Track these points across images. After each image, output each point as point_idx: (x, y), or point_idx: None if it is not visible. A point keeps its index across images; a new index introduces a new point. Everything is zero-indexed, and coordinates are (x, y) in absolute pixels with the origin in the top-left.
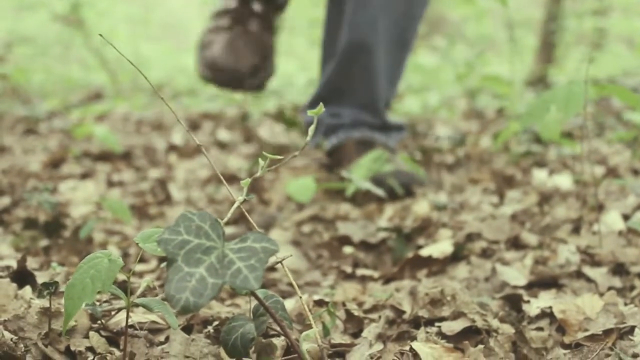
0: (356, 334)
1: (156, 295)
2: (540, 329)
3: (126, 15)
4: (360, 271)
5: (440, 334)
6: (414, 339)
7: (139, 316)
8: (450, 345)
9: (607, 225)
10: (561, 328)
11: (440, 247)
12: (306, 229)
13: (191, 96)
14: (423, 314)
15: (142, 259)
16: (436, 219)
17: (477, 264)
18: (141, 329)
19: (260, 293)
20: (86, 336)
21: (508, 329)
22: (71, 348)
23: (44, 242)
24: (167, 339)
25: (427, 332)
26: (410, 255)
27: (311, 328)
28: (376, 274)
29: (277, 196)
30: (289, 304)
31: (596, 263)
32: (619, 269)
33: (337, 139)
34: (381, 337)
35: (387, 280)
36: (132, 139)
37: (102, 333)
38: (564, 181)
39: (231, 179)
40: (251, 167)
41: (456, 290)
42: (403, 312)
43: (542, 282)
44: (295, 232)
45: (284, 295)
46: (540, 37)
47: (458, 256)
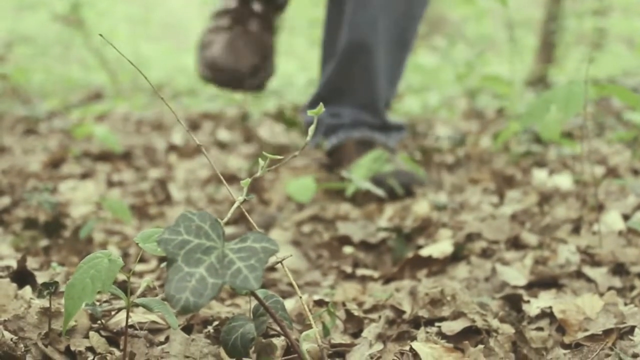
0: (356, 334)
1: (156, 295)
2: (540, 329)
3: (126, 15)
4: (360, 271)
5: (440, 334)
6: (414, 339)
7: (139, 316)
8: (450, 345)
9: (607, 225)
10: (561, 328)
11: (440, 247)
12: (306, 229)
13: (191, 96)
14: (423, 314)
15: (142, 259)
16: (436, 219)
17: (477, 264)
18: (141, 329)
19: (260, 293)
20: (86, 336)
21: (508, 329)
22: (71, 348)
23: (44, 242)
24: (167, 339)
25: (427, 332)
26: (410, 255)
27: (311, 328)
28: (376, 274)
29: (277, 196)
30: (289, 304)
31: (596, 263)
32: (619, 269)
33: (337, 139)
34: (381, 337)
35: (387, 280)
36: (132, 139)
37: (102, 333)
38: (564, 181)
39: (231, 179)
40: (251, 167)
41: (456, 290)
42: (403, 312)
43: (542, 282)
44: (295, 232)
45: (284, 295)
46: (540, 37)
47: (458, 256)
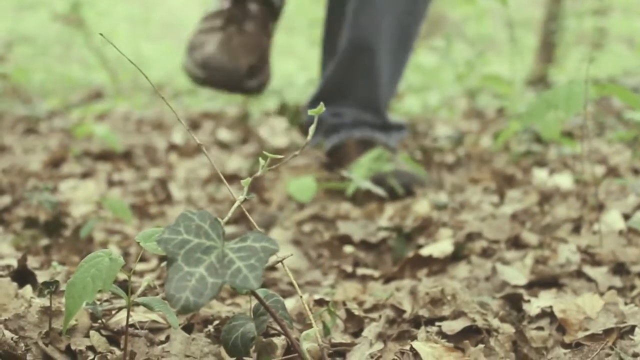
0: (356, 334)
1: (157, 295)
2: (540, 328)
3: (126, 14)
4: (361, 270)
5: (441, 334)
6: (414, 338)
7: (139, 315)
8: (451, 345)
9: (608, 224)
10: (561, 327)
11: (440, 246)
12: (306, 228)
13: (191, 96)
14: (423, 313)
15: (142, 258)
16: (436, 218)
17: (478, 263)
18: (142, 328)
19: (260, 292)
20: (87, 335)
21: (508, 329)
22: (72, 347)
23: (44, 241)
24: (167, 338)
25: (427, 332)
26: (410, 254)
27: (311, 327)
28: (376, 274)
29: (278, 195)
30: (289, 304)
31: (596, 262)
32: (619, 269)
33: (338, 138)
34: (381, 337)
35: (387, 279)
36: (133, 138)
37: (103, 332)
38: (564, 181)
39: (232, 178)
40: (252, 166)
41: (456, 289)
42: (403, 311)
43: (543, 282)
44: (295, 231)
45: (285, 295)
46: (540, 37)
47: (458, 256)
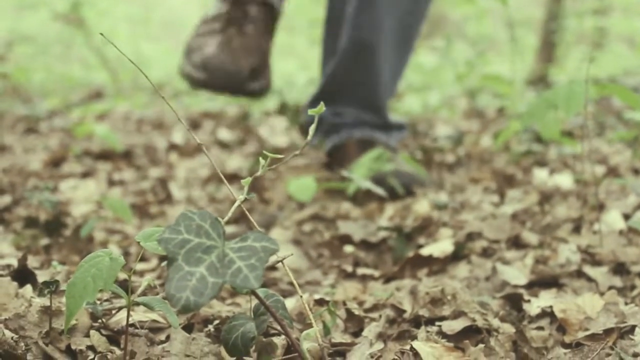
0: (357, 333)
1: (157, 294)
2: (540, 328)
3: (126, 14)
4: (361, 270)
5: (441, 333)
6: (414, 338)
7: (139, 315)
8: (451, 345)
9: (608, 224)
10: (562, 327)
11: (440, 246)
12: (307, 228)
13: (192, 95)
14: (423, 313)
15: (142, 258)
16: (437, 218)
17: (478, 263)
18: (142, 327)
19: (260, 292)
20: (87, 335)
21: (508, 328)
22: (72, 347)
23: (44, 240)
24: (167, 337)
25: (427, 332)
26: (410, 254)
27: (312, 327)
28: (377, 273)
29: (278, 195)
30: (289, 303)
31: (597, 262)
32: (619, 269)
33: (339, 138)
34: (382, 336)
35: (387, 279)
36: (133, 138)
37: (103, 332)
38: (564, 180)
39: (232, 178)
40: (252, 166)
41: (457, 289)
42: (404, 311)
43: (543, 282)
44: (295, 231)
45: (285, 294)
46: (540, 37)
47: (458, 255)
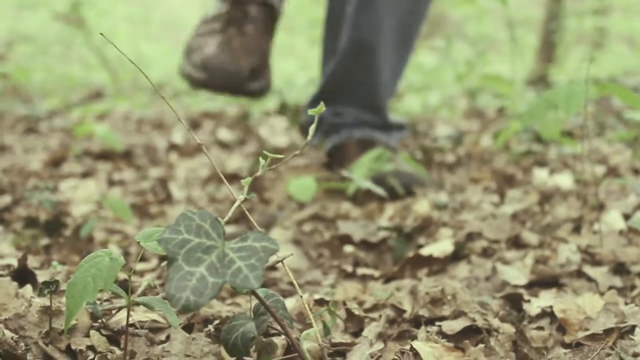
0: (357, 333)
1: (157, 294)
2: (540, 328)
3: (126, 14)
4: (361, 270)
5: (441, 333)
6: (414, 338)
7: (139, 315)
8: (451, 345)
9: (608, 224)
10: (562, 327)
11: (440, 246)
12: (307, 228)
13: (192, 95)
14: (423, 313)
15: (142, 258)
16: (437, 218)
17: (478, 263)
18: (142, 327)
19: (260, 292)
20: (87, 335)
21: (508, 328)
22: (72, 347)
23: (44, 240)
24: (167, 337)
25: (427, 331)
26: (410, 254)
27: (312, 327)
28: (377, 273)
29: (278, 195)
30: (289, 303)
31: (597, 262)
32: (619, 269)
33: (339, 138)
34: (382, 336)
35: (387, 279)
36: (133, 138)
37: (103, 332)
38: (564, 180)
39: (232, 178)
40: (252, 166)
41: (457, 289)
42: (404, 311)
43: (543, 282)
44: (295, 231)
45: (285, 294)
46: (540, 37)
47: (458, 255)
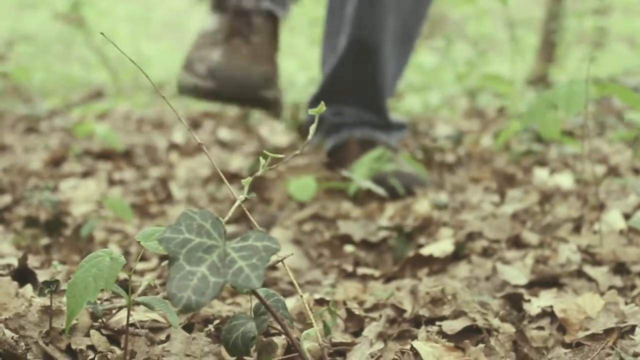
0: (357, 333)
1: (157, 294)
2: (541, 328)
3: (127, 14)
4: (361, 270)
5: (441, 333)
6: (414, 337)
7: (140, 315)
8: (451, 344)
9: (608, 224)
10: (562, 327)
11: (441, 246)
12: (307, 227)
13: None
14: (424, 312)
15: (143, 258)
16: (437, 218)
17: (478, 263)
18: (142, 327)
19: (261, 292)
20: (87, 335)
21: (509, 328)
22: (72, 346)
23: (44, 240)
24: (168, 337)
25: (427, 331)
26: (411, 254)
27: (312, 327)
28: (377, 273)
29: (278, 195)
30: (289, 303)
31: (597, 262)
32: (619, 268)
33: (339, 137)
34: (382, 336)
35: (388, 279)
36: (133, 137)
37: (103, 331)
38: (565, 180)
39: (232, 177)
40: (252, 166)
41: (457, 289)
42: (404, 311)
43: (543, 281)
44: (296, 230)
45: (285, 294)
46: (541, 36)
47: (459, 255)
